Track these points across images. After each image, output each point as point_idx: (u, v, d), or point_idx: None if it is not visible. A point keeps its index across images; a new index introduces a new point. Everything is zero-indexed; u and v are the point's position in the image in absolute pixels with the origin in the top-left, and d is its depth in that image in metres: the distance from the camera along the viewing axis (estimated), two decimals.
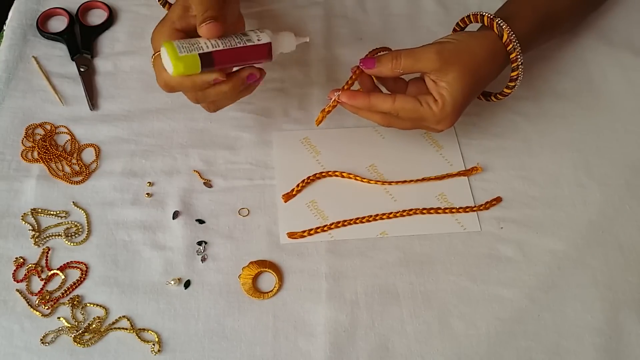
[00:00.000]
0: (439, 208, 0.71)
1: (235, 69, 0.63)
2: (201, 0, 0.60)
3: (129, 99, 0.77)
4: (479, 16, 0.68)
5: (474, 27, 0.70)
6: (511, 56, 0.67)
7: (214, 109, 0.66)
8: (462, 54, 0.65)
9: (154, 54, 0.63)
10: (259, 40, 0.61)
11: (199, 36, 0.60)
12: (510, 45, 0.66)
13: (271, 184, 0.72)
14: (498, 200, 0.72)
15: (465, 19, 0.70)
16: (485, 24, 0.67)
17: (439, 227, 0.70)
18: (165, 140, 0.74)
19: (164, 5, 0.77)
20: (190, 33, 0.62)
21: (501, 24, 0.66)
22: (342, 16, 0.86)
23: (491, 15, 0.67)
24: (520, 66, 0.67)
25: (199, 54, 0.58)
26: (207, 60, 0.59)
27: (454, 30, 0.72)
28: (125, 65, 0.80)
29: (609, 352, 0.63)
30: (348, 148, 0.74)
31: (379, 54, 0.66)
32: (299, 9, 0.86)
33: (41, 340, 0.61)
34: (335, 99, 0.65)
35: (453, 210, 0.71)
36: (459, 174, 0.73)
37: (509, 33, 0.66)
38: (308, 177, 0.72)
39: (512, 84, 0.69)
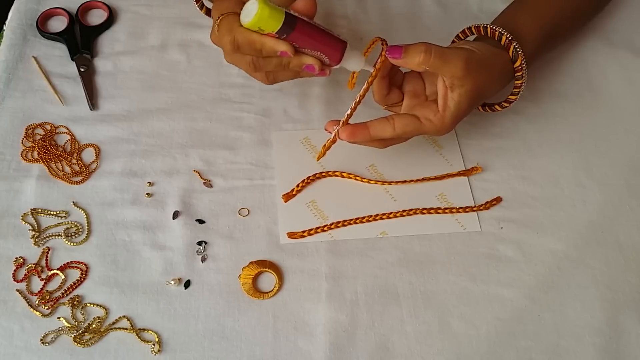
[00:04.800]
0: (439, 208, 0.71)
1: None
2: None
3: (128, 99, 0.77)
4: (497, 33, 0.67)
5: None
6: (516, 82, 0.67)
7: (272, 80, 0.64)
8: (482, 70, 0.64)
9: (218, 19, 0.60)
10: (339, 36, 0.61)
11: None
12: (520, 73, 0.66)
13: (271, 184, 0.72)
14: (498, 200, 0.72)
15: (482, 29, 0.68)
16: (502, 43, 0.66)
17: (439, 227, 0.70)
18: (165, 140, 0.74)
19: (201, 8, 0.74)
20: None
21: (517, 50, 0.65)
22: (342, 16, 0.86)
23: (510, 36, 0.66)
24: (521, 91, 0.68)
25: (286, 12, 0.57)
26: (290, 22, 0.57)
27: (458, 37, 0.71)
28: (125, 65, 0.80)
29: (608, 352, 0.63)
30: (348, 148, 0.74)
31: (382, 45, 0.63)
32: None
33: (41, 340, 0.61)
34: (335, 135, 0.65)
35: (453, 210, 0.71)
36: (459, 174, 0.73)
37: (522, 60, 0.65)
38: (308, 177, 0.72)
39: (513, 97, 0.69)
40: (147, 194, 0.70)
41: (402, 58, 0.61)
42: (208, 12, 0.75)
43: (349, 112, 0.64)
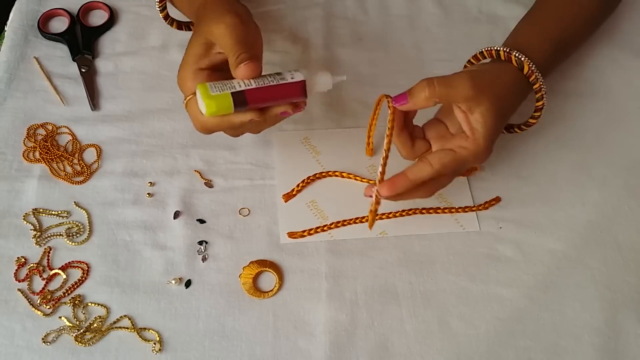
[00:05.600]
0: (439, 208, 0.71)
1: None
2: (233, 40, 0.59)
3: (129, 99, 0.77)
4: (493, 51, 0.66)
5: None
6: (534, 86, 0.66)
7: (257, 132, 0.66)
8: (494, 83, 0.63)
9: (185, 99, 0.62)
10: (292, 78, 0.61)
11: (229, 75, 0.60)
12: (533, 76, 0.65)
13: (271, 184, 0.72)
14: (497, 200, 0.72)
15: (479, 55, 0.68)
16: (503, 58, 0.66)
17: (439, 227, 0.70)
18: (166, 140, 0.74)
19: (171, 24, 0.75)
20: (216, 71, 0.62)
21: (519, 56, 0.65)
22: (342, 17, 0.86)
23: (506, 49, 0.65)
24: (544, 95, 0.67)
25: (231, 93, 0.58)
26: (240, 99, 0.58)
27: (470, 62, 0.70)
28: (126, 66, 0.80)
29: (607, 352, 0.63)
30: (348, 148, 0.74)
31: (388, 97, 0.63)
32: (299, 9, 0.87)
33: (43, 339, 0.62)
34: (376, 196, 0.62)
35: (452, 210, 0.71)
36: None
37: (530, 64, 0.65)
38: (308, 177, 0.72)
39: (538, 113, 0.68)
40: (148, 194, 0.71)
41: (409, 101, 0.61)
42: (180, 26, 0.75)
43: (380, 170, 0.61)
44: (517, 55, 0.65)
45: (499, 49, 0.66)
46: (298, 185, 0.72)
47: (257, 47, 0.61)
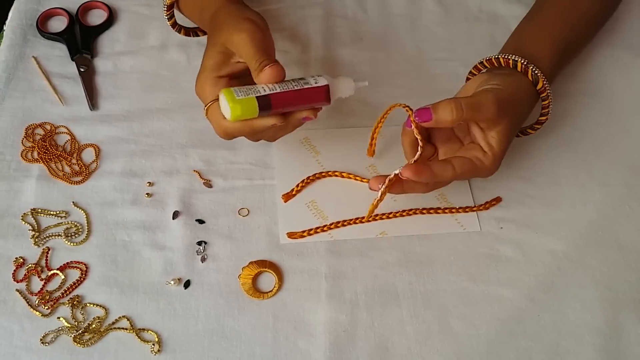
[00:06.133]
0: (439, 208, 0.71)
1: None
2: (254, 48, 0.59)
3: (128, 99, 0.77)
4: (511, 61, 0.66)
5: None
6: (544, 102, 0.67)
7: (274, 139, 0.66)
8: (514, 104, 0.63)
9: (205, 106, 0.62)
10: (316, 83, 0.61)
11: (247, 82, 0.60)
12: (545, 93, 0.66)
13: (271, 184, 0.72)
14: (498, 200, 0.72)
15: (494, 60, 0.67)
16: (519, 69, 0.66)
17: (439, 227, 0.70)
18: (165, 140, 0.74)
19: (179, 31, 0.75)
20: (234, 78, 0.63)
21: (535, 72, 0.65)
22: (342, 16, 0.86)
23: (524, 61, 0.65)
24: (550, 111, 0.68)
25: (257, 97, 0.58)
26: (265, 103, 0.58)
27: (472, 73, 0.70)
28: (125, 65, 0.80)
29: (608, 352, 0.63)
30: (348, 148, 0.74)
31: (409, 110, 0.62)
32: (299, 9, 0.86)
33: (41, 340, 0.61)
34: (382, 194, 0.62)
35: (453, 210, 0.71)
36: None
37: (544, 81, 0.65)
38: (308, 177, 0.72)
39: (538, 126, 0.70)
40: (147, 194, 0.70)
41: (433, 119, 0.60)
42: (187, 32, 0.75)
43: (397, 171, 0.61)
44: (534, 70, 0.65)
45: (517, 59, 0.65)
46: (298, 185, 0.71)
47: (273, 53, 0.62)
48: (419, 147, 0.62)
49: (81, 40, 0.81)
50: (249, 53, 0.60)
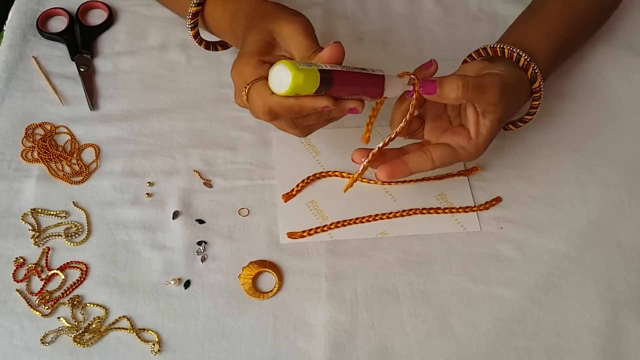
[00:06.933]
0: (439, 208, 0.71)
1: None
2: (309, 38, 0.58)
3: (128, 99, 0.77)
4: (515, 54, 0.66)
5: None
6: (534, 102, 0.68)
7: (307, 133, 0.62)
8: (512, 94, 0.63)
9: (246, 88, 0.57)
10: (373, 71, 0.58)
11: None
12: (539, 93, 0.67)
13: (271, 184, 0.72)
14: (498, 200, 0.72)
15: (499, 50, 0.67)
16: (521, 65, 0.66)
17: (439, 227, 0.70)
18: (165, 140, 0.74)
19: (200, 44, 0.72)
20: None
21: (536, 70, 0.65)
22: (342, 16, 0.86)
23: (527, 57, 0.65)
24: (537, 111, 0.69)
25: (319, 70, 0.54)
26: (327, 79, 0.54)
27: (471, 56, 0.70)
28: (125, 65, 0.80)
29: (608, 352, 0.63)
30: (348, 148, 0.74)
31: (409, 76, 0.61)
32: (299, 9, 0.86)
33: (41, 340, 0.61)
34: (363, 168, 0.61)
35: (453, 210, 0.71)
36: (458, 173, 0.73)
37: (540, 81, 0.66)
38: (308, 177, 0.72)
39: (529, 117, 0.70)
40: (147, 194, 0.70)
41: (437, 93, 0.58)
42: (208, 45, 0.73)
43: (380, 145, 0.60)
44: (535, 68, 0.65)
45: (521, 54, 0.65)
46: (298, 185, 0.71)
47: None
48: (404, 120, 0.60)
49: (81, 40, 0.81)
50: (302, 43, 0.58)
